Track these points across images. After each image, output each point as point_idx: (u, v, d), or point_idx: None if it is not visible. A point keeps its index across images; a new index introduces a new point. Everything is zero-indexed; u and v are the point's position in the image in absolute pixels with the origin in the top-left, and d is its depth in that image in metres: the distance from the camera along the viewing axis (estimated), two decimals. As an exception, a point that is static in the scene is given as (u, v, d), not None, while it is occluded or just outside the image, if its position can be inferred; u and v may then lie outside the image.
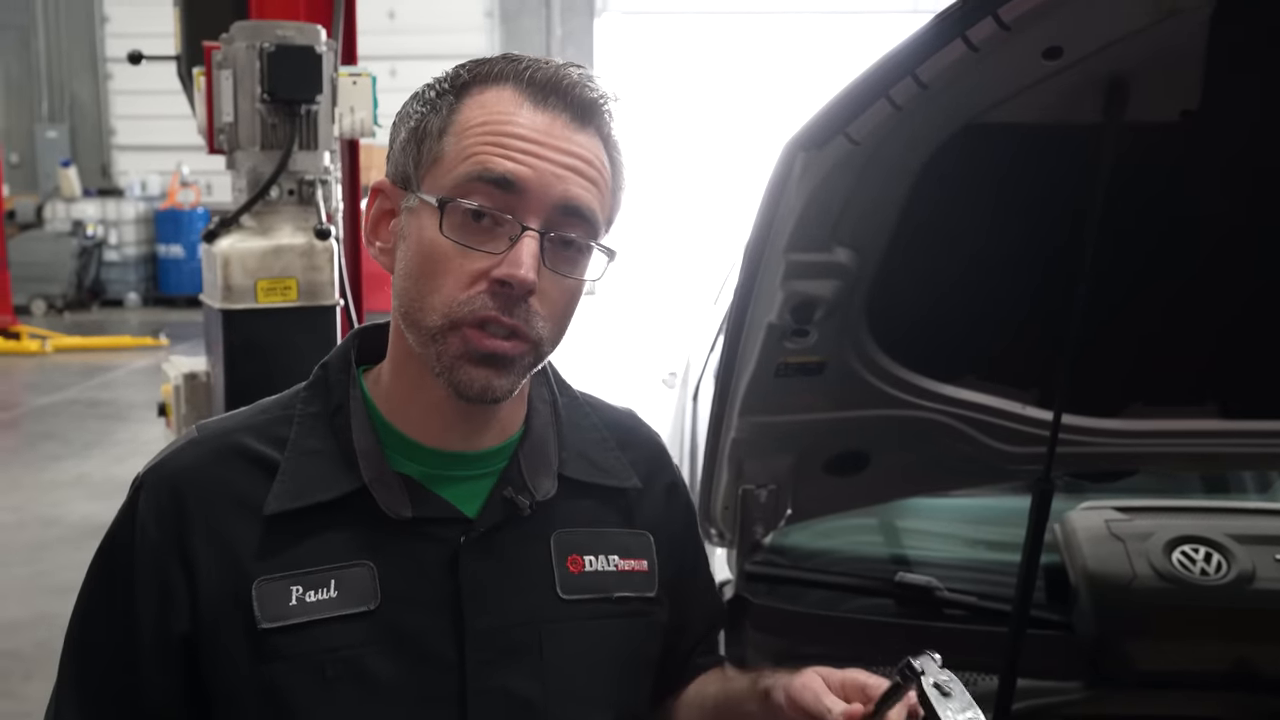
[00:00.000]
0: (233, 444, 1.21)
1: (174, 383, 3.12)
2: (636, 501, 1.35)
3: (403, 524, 1.18)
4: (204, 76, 3.10)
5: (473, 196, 1.13)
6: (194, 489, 1.17)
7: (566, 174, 1.15)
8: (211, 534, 1.15)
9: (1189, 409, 2.04)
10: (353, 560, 1.16)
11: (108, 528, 1.22)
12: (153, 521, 1.17)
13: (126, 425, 9.38)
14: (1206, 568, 2.24)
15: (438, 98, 1.19)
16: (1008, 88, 1.49)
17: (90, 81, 18.41)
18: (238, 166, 3.12)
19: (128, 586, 1.17)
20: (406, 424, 1.22)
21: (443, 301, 1.14)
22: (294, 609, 1.13)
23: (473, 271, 1.13)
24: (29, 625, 5.36)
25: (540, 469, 1.27)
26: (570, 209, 1.16)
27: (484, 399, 1.17)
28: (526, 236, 1.13)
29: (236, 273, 2.85)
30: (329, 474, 1.18)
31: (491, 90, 1.17)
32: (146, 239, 17.03)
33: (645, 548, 1.33)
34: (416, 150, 1.18)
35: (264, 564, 1.14)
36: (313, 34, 3.08)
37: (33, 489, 7.73)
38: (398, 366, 1.23)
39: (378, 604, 1.16)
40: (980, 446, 2.08)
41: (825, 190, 1.60)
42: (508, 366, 1.16)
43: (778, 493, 2.12)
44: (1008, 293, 1.86)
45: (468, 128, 1.15)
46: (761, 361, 1.83)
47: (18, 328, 13.17)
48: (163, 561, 1.15)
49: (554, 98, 1.17)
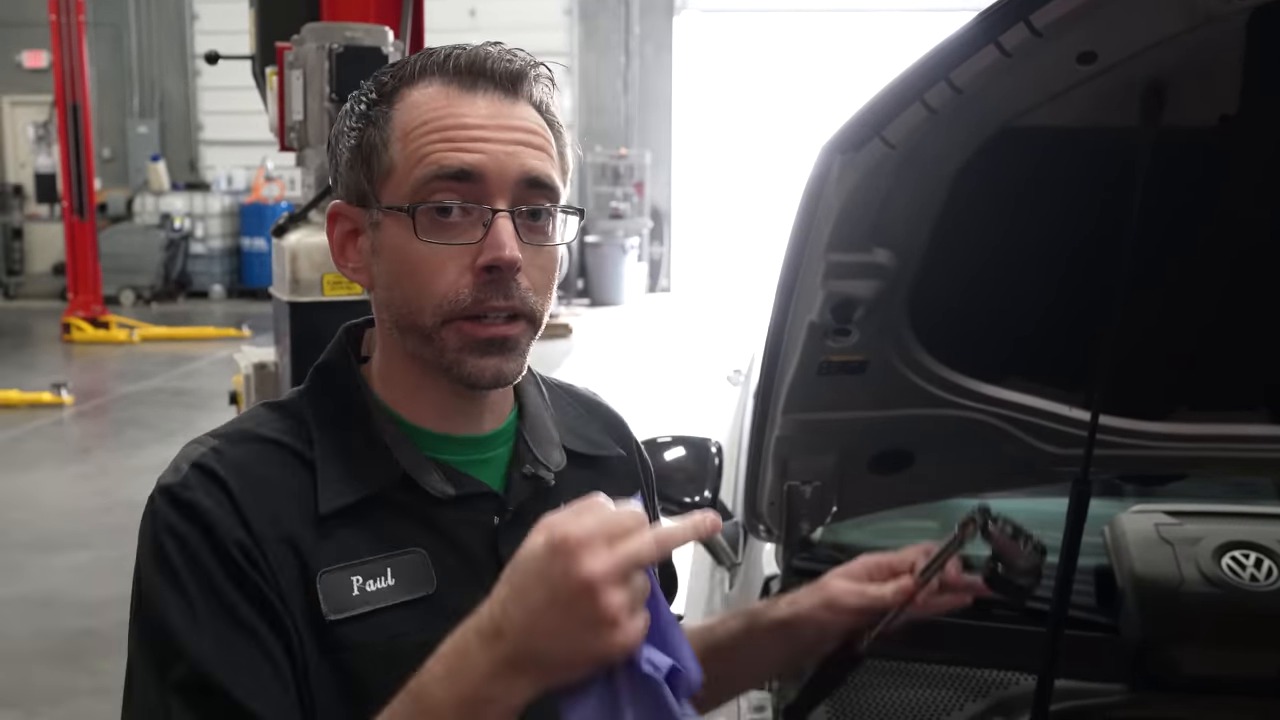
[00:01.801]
0: (270, 442, 1.21)
1: (244, 372, 3.22)
2: (620, 470, 1.42)
3: (444, 507, 1.21)
4: (276, 76, 3.19)
5: (435, 196, 1.16)
6: (249, 485, 1.15)
7: (517, 149, 1.17)
8: (273, 527, 1.14)
9: (1238, 413, 2.03)
10: (405, 548, 1.18)
11: (151, 544, 1.14)
12: (217, 511, 1.12)
13: (208, 413, 9.61)
14: (1256, 573, 2.22)
15: (369, 109, 1.21)
16: (1042, 92, 1.50)
17: (180, 78, 18.86)
18: (307, 164, 3.21)
19: (223, 561, 1.11)
20: (413, 415, 1.25)
21: (433, 302, 1.16)
22: (356, 599, 1.14)
23: (456, 267, 1.16)
24: (110, 605, 5.53)
25: (545, 442, 1.32)
26: (531, 181, 1.18)
27: (497, 385, 1.21)
28: (499, 218, 1.16)
29: (304, 266, 2.93)
30: (366, 467, 1.20)
31: (419, 89, 1.19)
32: (231, 232, 17.41)
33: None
34: (365, 166, 1.20)
35: (322, 556, 1.15)
36: (380, 35, 3.15)
37: (119, 474, 7.97)
38: (395, 367, 1.25)
39: (434, 589, 1.18)
40: (1025, 447, 2.08)
41: (862, 192, 1.62)
42: (513, 348, 1.19)
43: (823, 489, 2.14)
44: (1050, 294, 1.87)
45: (409, 131, 1.17)
46: (804, 359, 1.85)
47: (107, 317, 13.53)
48: (244, 545, 1.11)
49: (482, 79, 1.18)
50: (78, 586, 5.83)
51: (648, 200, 17.79)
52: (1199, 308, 1.87)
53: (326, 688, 1.13)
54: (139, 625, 1.13)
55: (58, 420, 9.66)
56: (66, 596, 5.72)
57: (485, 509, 1.24)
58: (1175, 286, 1.82)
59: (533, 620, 0.94)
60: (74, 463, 8.44)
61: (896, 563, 1.45)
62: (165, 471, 1.19)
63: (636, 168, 17.63)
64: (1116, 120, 1.54)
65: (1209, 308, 1.87)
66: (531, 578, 0.94)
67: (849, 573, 1.43)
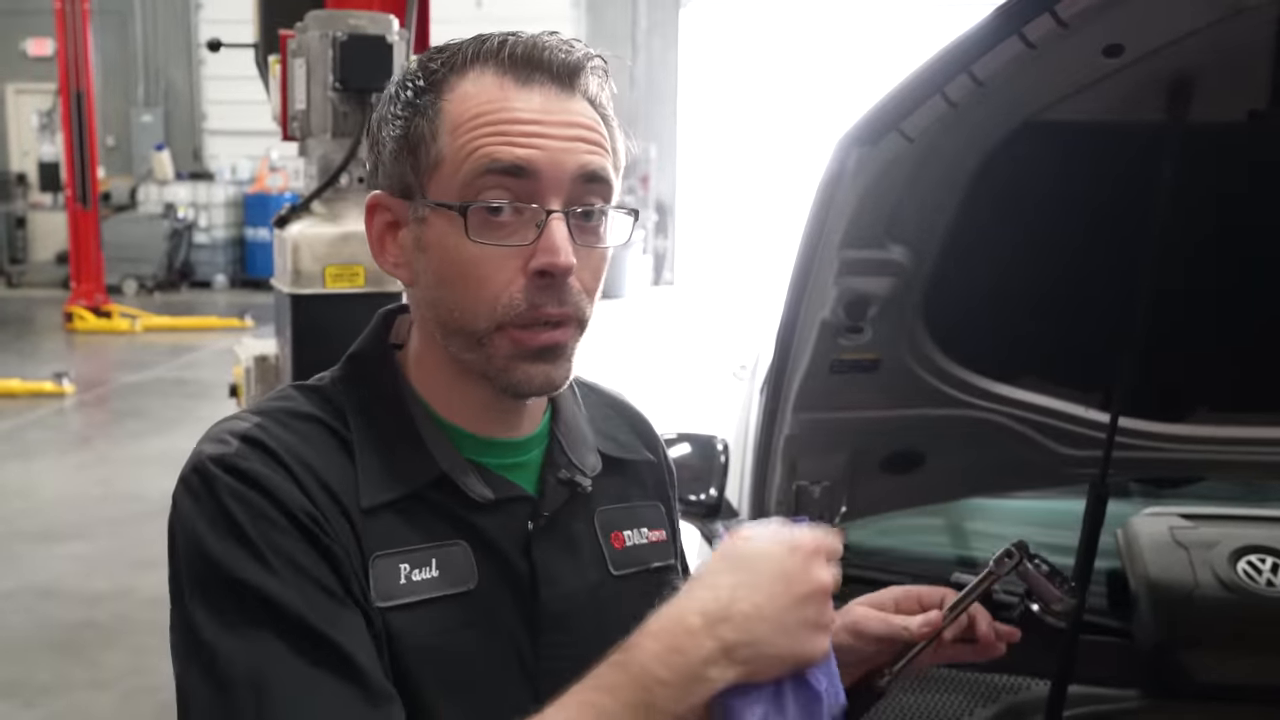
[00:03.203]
0: (313, 419, 1.16)
1: (245, 364, 3.18)
2: (647, 474, 1.38)
3: (480, 510, 1.18)
4: (279, 64, 3.16)
5: (486, 192, 1.11)
6: (300, 460, 1.09)
7: (573, 144, 1.13)
8: (331, 501, 1.09)
9: (1256, 416, 1.99)
10: (448, 540, 1.15)
11: (213, 511, 1.06)
12: (279, 481, 1.06)
13: (210, 404, 9.58)
14: (1273, 578, 2.18)
15: (416, 98, 1.15)
16: (1067, 85, 1.46)
17: (184, 67, 18.83)
18: (309, 154, 3.17)
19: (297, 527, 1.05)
20: (449, 414, 1.21)
21: (486, 306, 1.12)
22: (404, 588, 1.10)
23: (507, 270, 1.11)
24: (111, 597, 5.52)
25: (580, 446, 1.28)
26: (588, 176, 1.13)
27: (544, 393, 1.17)
28: (553, 220, 1.11)
29: (305, 258, 2.89)
30: (405, 465, 1.16)
31: (471, 77, 1.14)
32: (235, 222, 17.39)
33: (661, 518, 1.36)
34: (412, 158, 1.15)
35: (373, 539, 1.11)
36: (385, 24, 3.11)
37: (119, 464, 7.94)
38: (434, 364, 1.21)
39: (475, 584, 1.15)
40: (1039, 449, 2.05)
41: (879, 187, 1.58)
42: (561, 354, 1.15)
43: (832, 489, 2.11)
44: (1068, 293, 1.83)
45: (460, 123, 1.12)
46: (815, 358, 1.82)
47: (110, 307, 13.51)
48: (312, 514, 1.06)
49: (538, 72, 1.13)
50: (78, 577, 5.80)
51: (653, 194, 17.77)
52: (1219, 307, 1.83)
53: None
54: (205, 595, 1.04)
55: (59, 410, 9.63)
56: (66, 587, 5.69)
57: (519, 513, 1.20)
58: (1196, 286, 1.78)
59: (764, 611, 0.98)
60: (75, 452, 8.41)
61: (926, 595, 1.39)
62: (205, 444, 1.11)
63: (642, 161, 17.59)
64: (1142, 115, 1.50)
65: (1229, 307, 1.83)
66: (767, 574, 0.99)
67: (875, 600, 1.38)
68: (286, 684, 0.99)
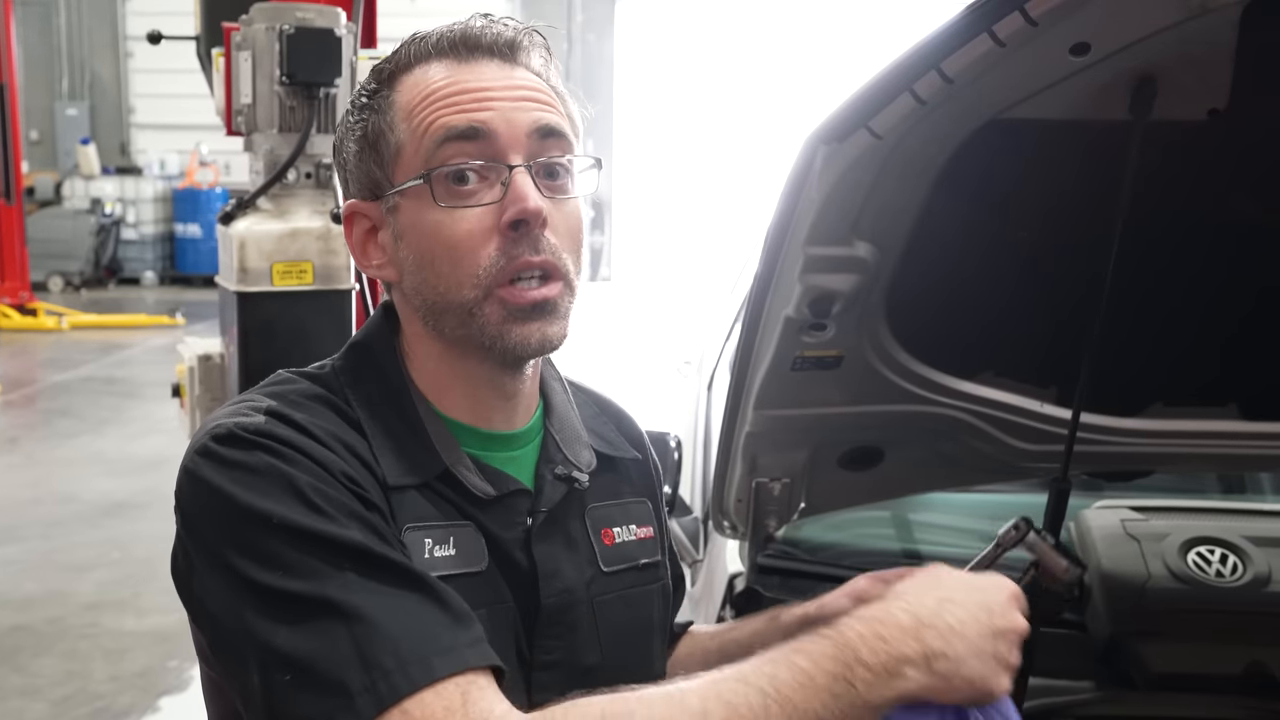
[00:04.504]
0: (323, 400, 1.17)
1: (188, 364, 3.12)
2: (634, 471, 1.41)
3: (482, 505, 1.19)
4: (223, 58, 3.10)
5: (450, 161, 1.14)
6: (327, 435, 1.10)
7: (523, 104, 1.16)
8: (363, 471, 1.10)
9: (1209, 410, 2.03)
10: (461, 520, 1.17)
11: (243, 472, 1.05)
12: (314, 446, 1.07)
13: (142, 403, 9.43)
14: (1222, 569, 2.23)
15: (371, 98, 1.20)
16: (1034, 84, 1.47)
17: (111, 59, 18.46)
18: (255, 149, 3.11)
19: (341, 481, 1.06)
20: (446, 406, 1.22)
21: (468, 272, 1.14)
22: (429, 562, 1.12)
23: (482, 230, 1.14)
24: (42, 601, 5.40)
25: (574, 441, 1.31)
26: (544, 131, 1.17)
27: (542, 351, 1.18)
28: (516, 173, 1.14)
29: (252, 255, 2.84)
30: (413, 456, 1.17)
31: (417, 69, 1.18)
32: (164, 218, 17.11)
33: (648, 514, 1.39)
34: (375, 154, 1.18)
35: (401, 513, 1.12)
36: (333, 16, 3.07)
37: (49, 465, 7.79)
38: (428, 357, 1.22)
39: (486, 565, 1.17)
40: (997, 444, 2.07)
41: (846, 184, 1.58)
42: (554, 311, 1.17)
43: (791, 486, 2.11)
44: (1028, 290, 1.84)
45: (413, 107, 1.16)
46: (778, 354, 1.82)
47: (35, 304, 13.24)
48: (352, 477, 1.07)
49: (477, 51, 1.18)
50: (7, 581, 5.67)
51: (589, 189, 17.76)
52: (1176, 303, 1.86)
53: None
54: (254, 549, 1.01)
55: (-15, 410, 9.42)
56: (-5, 592, 5.56)
57: (519, 507, 1.22)
58: (1155, 282, 1.80)
59: (967, 632, 1.03)
60: (1, 454, 8.22)
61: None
62: (222, 419, 1.10)
63: (577, 156, 17.54)
64: (1106, 114, 1.51)
65: (1186, 303, 1.86)
66: (972, 601, 1.06)
67: (878, 575, 1.40)
68: (372, 607, 0.98)
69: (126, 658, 4.81)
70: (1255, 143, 1.59)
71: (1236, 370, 2.00)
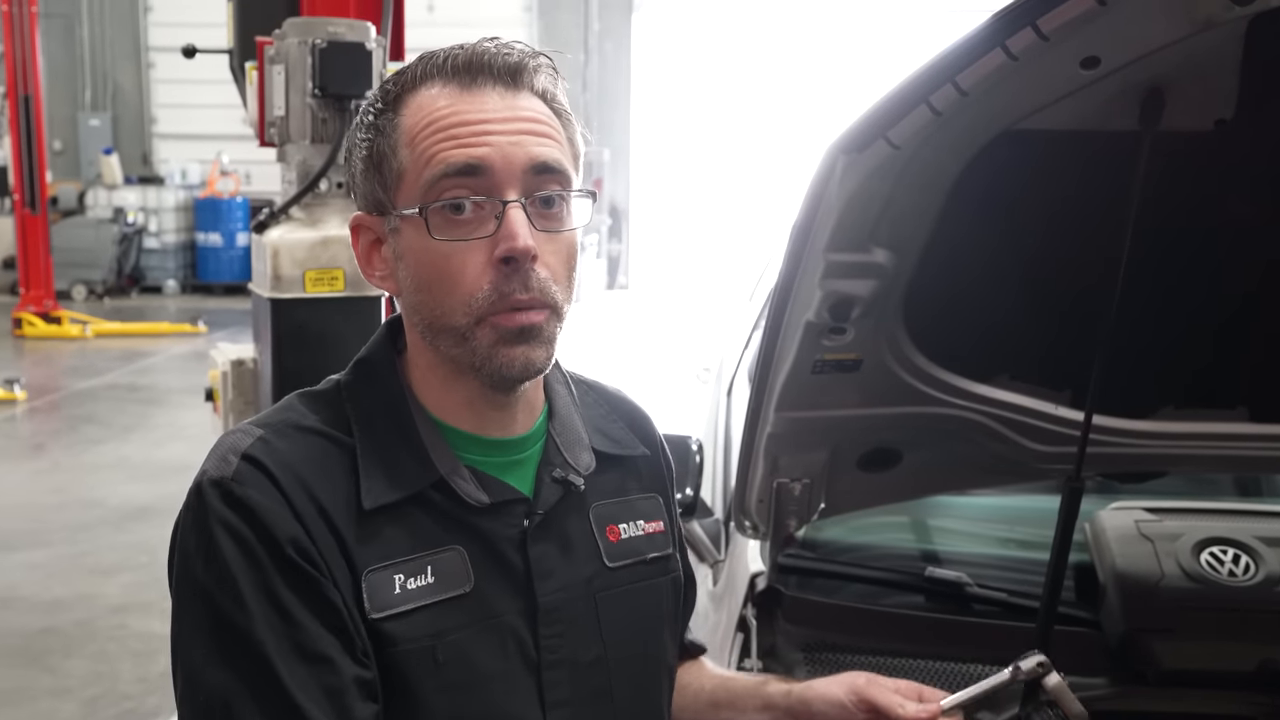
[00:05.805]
0: (314, 433, 1.22)
1: (222, 369, 3.19)
2: (644, 467, 1.44)
3: (478, 511, 1.23)
4: (256, 70, 3.17)
5: (446, 195, 1.17)
6: (297, 479, 1.16)
7: (521, 138, 1.19)
8: (323, 521, 1.15)
9: (1218, 413, 2.07)
10: (443, 546, 1.21)
11: (202, 539, 1.14)
12: (272, 508, 1.13)
13: (165, 410, 9.51)
14: (1234, 569, 2.27)
15: (377, 118, 1.23)
16: (1045, 96, 1.52)
17: (133, 70, 18.60)
18: (288, 159, 3.19)
19: (282, 568, 1.13)
20: (447, 417, 1.26)
21: (461, 301, 1.18)
22: (399, 597, 1.16)
23: (476, 263, 1.17)
24: (70, 604, 5.47)
25: (575, 445, 1.34)
26: (539, 168, 1.19)
27: (526, 375, 1.22)
28: (510, 209, 1.17)
29: (285, 263, 2.92)
30: (405, 469, 1.21)
31: (421, 92, 1.21)
32: (186, 227, 17.20)
33: (658, 509, 1.42)
34: (379, 175, 1.22)
35: (366, 555, 1.16)
36: (363, 31, 3.14)
37: (74, 471, 7.86)
38: (427, 367, 1.27)
39: (471, 586, 1.20)
40: (1012, 445, 2.11)
41: (865, 192, 1.63)
42: (538, 336, 1.20)
43: (811, 487, 2.16)
44: (1041, 295, 1.90)
45: (415, 135, 1.19)
46: (799, 358, 1.87)
47: (59, 312, 13.33)
48: (300, 544, 1.13)
49: (482, 75, 1.20)
50: (35, 585, 5.74)
51: (606, 198, 17.79)
52: (1185, 308, 1.91)
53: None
54: (190, 613, 1.15)
55: (10, 416, 9.51)
56: (24, 595, 5.63)
57: (516, 513, 1.26)
58: (1165, 287, 1.85)
59: None
60: (28, 459, 8.31)
61: (927, 692, 1.46)
62: (210, 461, 1.19)
63: (595, 165, 17.59)
64: (1115, 124, 1.57)
65: (1195, 308, 1.91)
66: None
67: (875, 680, 1.46)
68: None
69: (154, 659, 4.88)
70: (1261, 151, 1.64)
71: (1246, 374, 2.05)
